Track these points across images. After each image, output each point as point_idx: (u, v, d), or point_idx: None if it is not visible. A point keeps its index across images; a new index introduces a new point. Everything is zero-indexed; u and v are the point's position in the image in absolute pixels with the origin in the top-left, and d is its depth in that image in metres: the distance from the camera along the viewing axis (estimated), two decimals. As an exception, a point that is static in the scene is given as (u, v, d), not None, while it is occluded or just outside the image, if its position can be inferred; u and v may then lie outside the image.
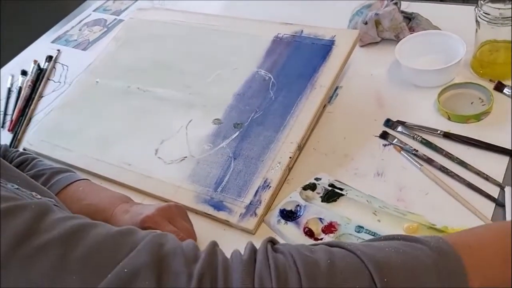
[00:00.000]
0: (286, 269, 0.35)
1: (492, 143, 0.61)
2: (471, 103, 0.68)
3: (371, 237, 0.55)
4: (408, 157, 0.63)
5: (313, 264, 0.35)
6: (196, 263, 0.35)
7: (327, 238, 0.56)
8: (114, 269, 0.34)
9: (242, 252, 0.37)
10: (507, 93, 0.67)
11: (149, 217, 0.55)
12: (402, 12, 0.81)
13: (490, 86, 0.69)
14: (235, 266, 0.36)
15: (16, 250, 0.33)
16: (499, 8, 0.65)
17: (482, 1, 0.66)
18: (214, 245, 0.38)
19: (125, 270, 0.34)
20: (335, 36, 0.76)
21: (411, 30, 0.80)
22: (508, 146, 0.61)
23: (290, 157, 0.65)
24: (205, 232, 0.61)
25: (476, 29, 0.69)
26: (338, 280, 0.34)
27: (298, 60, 0.75)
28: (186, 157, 0.70)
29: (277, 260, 0.36)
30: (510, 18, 0.65)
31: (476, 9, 0.67)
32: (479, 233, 0.41)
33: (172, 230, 0.55)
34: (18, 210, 0.35)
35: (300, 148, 0.67)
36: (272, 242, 0.39)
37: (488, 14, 0.66)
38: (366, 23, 0.81)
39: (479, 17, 0.67)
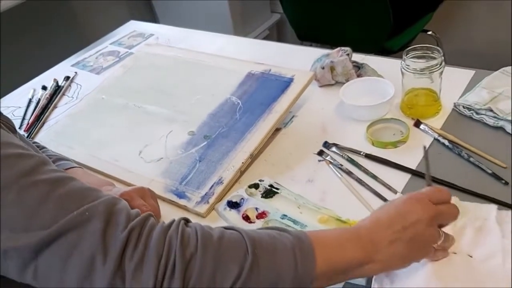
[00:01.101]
0: (189, 235, 0.49)
1: (399, 164, 0.77)
2: (393, 134, 0.84)
3: (292, 223, 0.70)
4: (334, 170, 0.79)
5: (209, 235, 0.50)
6: (133, 221, 0.51)
7: (259, 222, 0.72)
8: (79, 209, 0.49)
9: None
10: (422, 128, 0.84)
11: (126, 192, 0.72)
12: (353, 61, 1.00)
13: (411, 122, 0.86)
14: (157, 228, 0.50)
15: (19, 180, 0.49)
16: (416, 62, 0.83)
17: (405, 56, 0.84)
18: (149, 215, 0.53)
19: (86, 213, 0.48)
20: (294, 75, 0.94)
21: (359, 76, 0.98)
22: (413, 167, 0.77)
23: (242, 162, 0.81)
24: (168, 213, 0.77)
25: (402, 78, 0.87)
26: (223, 246, 0.49)
27: (263, 91, 0.94)
28: (162, 158, 0.87)
29: (184, 230, 0.50)
30: (425, 71, 0.83)
31: (401, 62, 0.85)
32: (328, 231, 0.57)
33: (141, 203, 0.72)
34: (28, 157, 0.52)
35: (252, 156, 0.83)
36: (186, 220, 0.54)
37: (409, 66, 0.84)
38: (323, 68, 0.99)
39: (403, 68, 0.85)
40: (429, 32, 1.74)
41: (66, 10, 1.85)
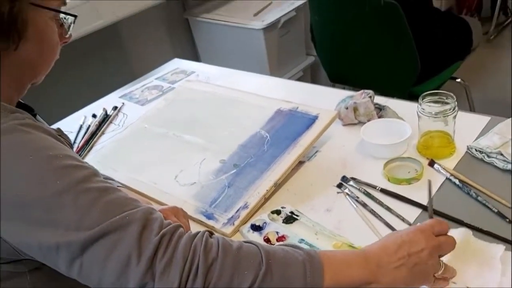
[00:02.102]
0: (212, 244, 0.57)
1: (412, 199, 0.83)
2: (408, 172, 0.91)
3: (308, 247, 0.77)
4: (351, 201, 0.86)
5: (229, 245, 0.58)
6: (165, 228, 0.59)
7: (278, 244, 0.79)
8: (121, 214, 0.58)
9: None
10: (436, 168, 0.90)
11: (162, 209, 0.81)
12: (375, 103, 1.08)
13: (426, 162, 0.92)
14: (185, 236, 0.58)
15: (75, 186, 0.58)
16: (431, 106, 0.90)
17: (421, 101, 0.92)
18: (179, 225, 0.61)
19: (127, 217, 0.57)
20: (319, 113, 1.03)
21: (380, 117, 1.06)
22: (424, 203, 0.82)
23: (267, 190, 0.89)
24: (196, 232, 0.85)
25: (418, 121, 0.94)
26: (241, 255, 0.56)
27: (290, 126, 1.02)
28: (195, 182, 0.96)
29: (208, 239, 0.58)
30: (440, 114, 0.89)
31: (417, 106, 0.93)
32: (338, 251, 0.63)
33: (174, 220, 0.80)
34: (83, 168, 0.61)
35: (276, 185, 0.91)
36: (210, 233, 0.61)
37: (424, 110, 0.91)
38: (347, 108, 1.07)
39: (419, 112, 0.92)
40: (458, 80, 1.80)
41: (117, 46, 2.03)
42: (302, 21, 2.22)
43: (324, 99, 1.18)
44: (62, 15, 0.69)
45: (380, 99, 1.12)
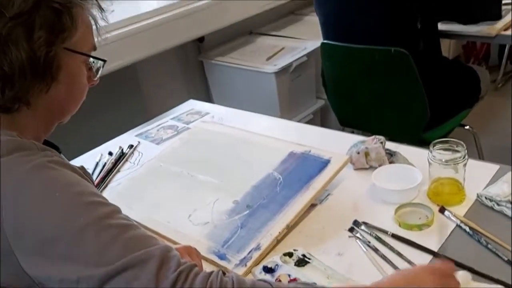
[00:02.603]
0: (227, 281, 0.59)
1: (422, 245, 0.84)
2: (419, 218, 0.92)
3: (321, 290, 0.78)
4: (362, 246, 0.87)
5: (243, 281, 0.60)
6: (182, 266, 0.61)
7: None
8: (140, 251, 0.60)
9: None
10: (446, 215, 0.91)
11: (177, 248, 0.82)
12: (386, 149, 1.10)
13: (436, 208, 0.93)
14: (201, 274, 0.61)
15: (98, 222, 0.60)
16: (442, 154, 0.92)
17: (432, 148, 0.94)
18: (195, 264, 0.63)
19: (146, 254, 0.59)
20: (331, 157, 1.06)
21: (391, 162, 1.08)
22: (435, 250, 0.83)
23: (279, 232, 0.91)
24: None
25: (429, 167, 0.96)
26: None
27: (302, 169, 1.05)
28: (208, 222, 0.98)
29: (223, 277, 0.60)
30: (450, 162, 0.92)
31: (428, 153, 0.95)
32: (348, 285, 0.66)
33: (188, 259, 0.82)
34: (106, 205, 0.64)
35: (288, 227, 0.93)
36: (223, 272, 0.63)
37: (435, 157, 0.93)
38: (358, 153, 1.10)
39: (430, 159, 0.94)
40: (466, 127, 1.82)
41: (134, 86, 2.10)
42: (313, 66, 2.28)
43: (335, 143, 1.20)
44: (91, 59, 0.74)
45: (391, 145, 1.14)
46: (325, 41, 1.71)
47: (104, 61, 0.76)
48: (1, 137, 0.64)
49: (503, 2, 1.84)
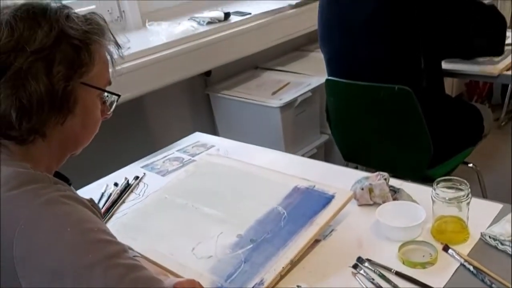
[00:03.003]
0: None
1: (427, 284, 0.84)
2: (423, 256, 0.92)
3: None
4: (366, 283, 0.87)
5: None
6: None
7: (293, 323, 0.79)
8: None
9: None
10: (450, 253, 0.91)
11: (179, 282, 0.82)
12: (390, 186, 1.11)
13: (440, 246, 0.93)
14: None
15: (106, 261, 0.62)
16: (445, 192, 0.93)
17: (435, 186, 0.95)
18: None
19: None
20: (336, 192, 1.06)
21: (395, 199, 1.08)
22: (440, 288, 0.83)
23: (283, 267, 0.91)
24: (212, 306, 0.85)
25: (432, 205, 0.96)
26: None
27: (306, 204, 1.05)
28: (212, 256, 0.98)
29: None
30: (453, 200, 0.92)
31: (432, 191, 0.96)
32: None
33: (191, 294, 0.82)
34: (114, 243, 0.65)
35: (292, 263, 0.92)
36: None
37: (438, 195, 0.94)
38: (362, 189, 1.11)
39: (433, 197, 0.95)
40: (470, 165, 1.83)
41: (141, 118, 2.13)
42: (318, 101, 2.31)
43: (339, 179, 1.21)
44: (106, 93, 0.76)
45: (395, 182, 1.15)
46: (330, 78, 1.74)
47: (119, 96, 0.78)
48: (16, 169, 0.65)
49: (508, 42, 1.88)
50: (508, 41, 1.97)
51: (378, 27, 1.56)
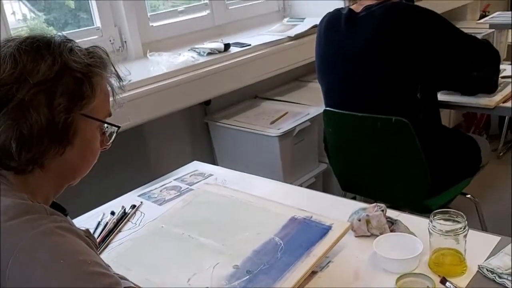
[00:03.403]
0: None
1: (425, 317, 0.83)
2: (420, 288, 0.91)
3: None
4: (363, 316, 0.86)
5: None
6: None
7: None
8: None
9: None
10: (448, 286, 0.90)
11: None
12: (388, 217, 1.11)
13: (438, 279, 0.92)
14: None
15: None
16: (442, 224, 0.93)
17: (432, 218, 0.95)
18: None
19: None
20: (333, 223, 1.06)
21: (392, 231, 1.08)
22: (438, 323, 0.82)
23: (279, 299, 0.90)
24: None
25: (429, 237, 0.96)
26: None
27: (304, 235, 1.05)
28: (207, 287, 0.97)
29: None
30: (450, 233, 0.92)
31: (429, 223, 0.96)
32: None
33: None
34: (108, 276, 0.65)
35: (288, 295, 0.92)
36: None
37: (435, 228, 0.94)
38: (359, 220, 1.10)
39: (430, 229, 0.95)
40: (468, 196, 1.83)
41: (140, 147, 2.14)
42: (316, 131, 2.33)
43: (336, 209, 1.21)
44: (106, 125, 0.77)
45: (392, 213, 1.15)
46: (327, 108, 1.76)
47: (118, 127, 0.79)
48: (14, 200, 0.66)
49: (503, 74, 1.91)
50: (505, 73, 2.01)
51: (373, 58, 1.59)
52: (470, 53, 1.62)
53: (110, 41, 2.13)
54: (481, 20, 3.51)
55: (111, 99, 0.82)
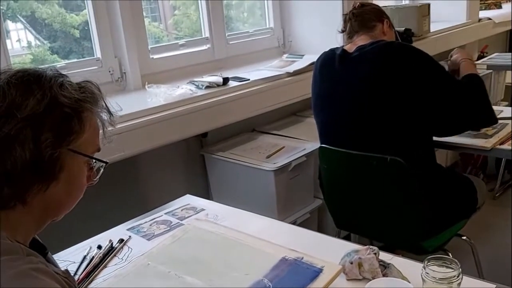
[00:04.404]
0: None
1: None
2: None
3: None
4: None
5: None
6: None
7: None
8: None
9: None
10: (441, 337, 0.87)
11: None
12: (380, 260, 1.08)
13: (431, 328, 0.89)
14: None
15: None
16: (436, 272, 0.90)
17: (425, 265, 0.92)
18: None
19: None
20: (324, 266, 1.03)
21: (385, 275, 1.05)
22: None
23: None
24: None
25: (423, 284, 0.93)
26: None
27: (293, 277, 1.02)
28: (192, 330, 0.93)
29: None
30: (444, 281, 0.89)
31: (422, 269, 0.93)
32: None
33: None
34: None
35: None
36: None
37: (429, 274, 0.91)
38: (351, 263, 1.08)
39: (423, 276, 0.92)
40: (464, 237, 1.80)
41: (133, 178, 2.12)
42: (312, 166, 2.31)
43: (328, 250, 1.19)
44: (94, 160, 0.75)
45: (385, 256, 1.12)
46: (323, 145, 1.75)
47: (106, 163, 0.78)
48: None
49: (501, 116, 1.91)
50: (502, 114, 2.01)
51: (367, 97, 1.59)
52: (457, 94, 1.61)
53: (109, 71, 2.15)
54: (480, 61, 3.57)
55: (101, 133, 0.81)
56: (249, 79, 2.26)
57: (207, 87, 2.14)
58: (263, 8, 2.82)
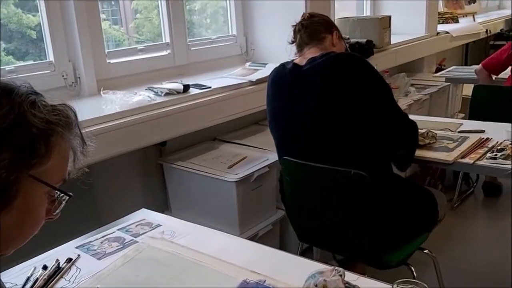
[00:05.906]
0: None
1: None
2: None
3: None
4: None
5: None
6: None
7: None
8: None
9: None
10: None
11: None
12: (346, 282, 1.03)
13: None
14: None
15: None
16: (403, 295, 0.86)
17: (395, 286, 0.88)
18: None
19: None
20: (286, 290, 0.97)
21: (351, 300, 1.00)
22: None
23: None
24: None
25: (390, 308, 0.89)
26: None
27: (254, 303, 0.96)
28: None
29: None
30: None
31: (390, 292, 0.89)
32: None
33: None
34: None
35: None
36: None
37: (396, 298, 0.87)
38: (316, 286, 1.02)
39: (391, 299, 0.88)
40: (426, 251, 1.79)
41: (87, 190, 1.98)
42: (275, 177, 2.27)
43: (292, 269, 1.13)
44: (57, 192, 0.67)
45: (350, 276, 1.07)
46: (286, 158, 1.70)
47: (70, 196, 0.69)
48: None
49: (460, 129, 1.93)
50: (462, 128, 2.03)
51: (322, 109, 1.58)
52: (395, 112, 1.66)
53: (63, 76, 2.03)
54: (438, 74, 3.65)
55: (70, 163, 0.73)
56: (210, 87, 2.19)
57: (167, 94, 2.05)
58: (226, 15, 2.76)
